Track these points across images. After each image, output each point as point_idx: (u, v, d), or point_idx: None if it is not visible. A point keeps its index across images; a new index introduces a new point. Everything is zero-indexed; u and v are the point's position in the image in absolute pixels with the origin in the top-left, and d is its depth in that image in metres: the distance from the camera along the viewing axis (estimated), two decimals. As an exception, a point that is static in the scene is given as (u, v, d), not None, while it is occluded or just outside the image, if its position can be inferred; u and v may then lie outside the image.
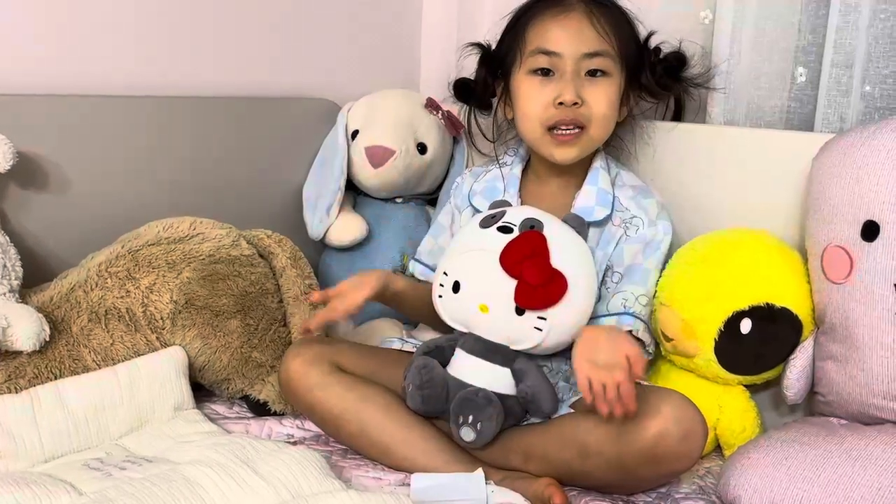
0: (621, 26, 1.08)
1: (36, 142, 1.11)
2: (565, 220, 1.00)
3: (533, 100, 1.07)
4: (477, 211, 1.15)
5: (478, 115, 1.24)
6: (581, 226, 1.01)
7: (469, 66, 1.23)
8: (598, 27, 1.05)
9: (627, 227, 1.09)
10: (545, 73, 1.07)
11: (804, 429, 0.95)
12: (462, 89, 1.24)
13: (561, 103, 1.05)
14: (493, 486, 0.91)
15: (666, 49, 1.15)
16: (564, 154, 1.08)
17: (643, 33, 1.13)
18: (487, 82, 1.18)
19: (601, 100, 1.06)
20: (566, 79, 1.05)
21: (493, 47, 1.17)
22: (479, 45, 1.19)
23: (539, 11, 1.08)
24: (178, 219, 1.15)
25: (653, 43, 1.14)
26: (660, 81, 1.14)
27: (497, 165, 1.18)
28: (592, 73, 1.06)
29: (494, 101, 1.20)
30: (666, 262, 1.11)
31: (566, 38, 1.05)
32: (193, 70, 1.31)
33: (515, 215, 0.98)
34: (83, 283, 1.07)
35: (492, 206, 1.06)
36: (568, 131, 1.06)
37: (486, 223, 0.98)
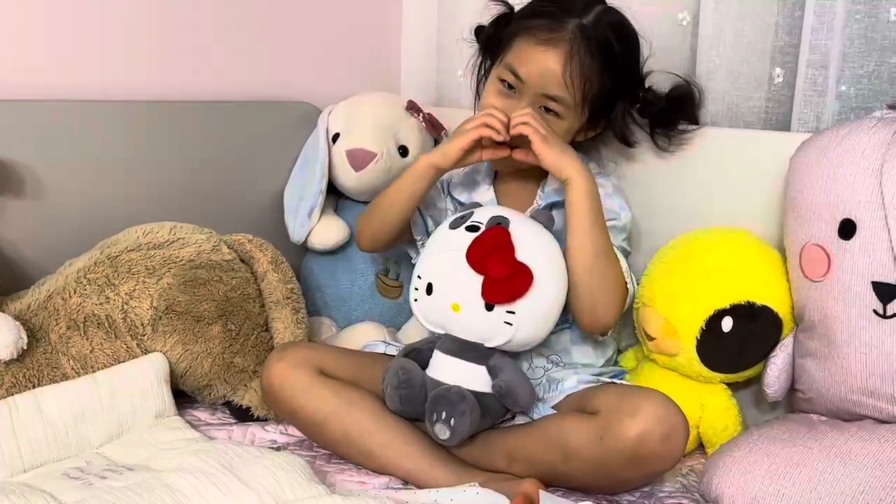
0: (597, 76, 1.04)
1: (12, 147, 1.10)
2: (533, 216, 1.02)
3: (490, 104, 1.08)
4: (456, 200, 1.16)
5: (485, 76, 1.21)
6: (548, 220, 1.02)
7: (453, 66, 1.22)
8: (568, 74, 1.03)
9: None
10: (510, 87, 1.07)
11: (785, 426, 0.96)
12: (478, 33, 1.21)
13: None
14: (478, 488, 0.91)
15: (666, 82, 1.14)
16: (498, 162, 1.11)
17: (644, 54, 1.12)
18: (489, 42, 1.16)
19: None
20: (523, 104, 1.06)
21: (506, 14, 1.14)
22: (504, 2, 1.16)
23: (533, 28, 1.06)
24: (157, 224, 1.14)
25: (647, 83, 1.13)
26: (652, 126, 1.15)
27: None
28: (547, 109, 1.06)
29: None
30: (629, 245, 1.12)
31: (536, 72, 1.04)
32: (172, 74, 1.30)
33: (483, 214, 1.00)
34: (61, 290, 1.06)
35: (464, 209, 1.07)
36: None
37: (455, 224, 1.00)
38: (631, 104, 1.13)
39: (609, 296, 1.01)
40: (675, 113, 1.15)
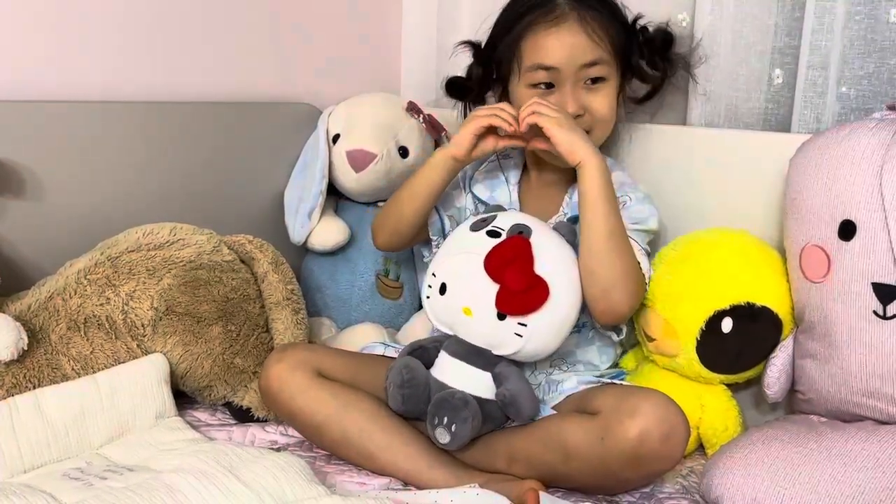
0: (611, 25, 1.08)
1: (12, 148, 1.10)
2: (555, 228, 1.01)
3: None
4: (477, 198, 1.16)
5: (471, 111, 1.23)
6: (571, 233, 1.01)
7: (453, 68, 1.22)
8: (592, 34, 1.05)
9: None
10: (547, 86, 1.07)
11: (785, 427, 0.95)
12: (455, 87, 1.23)
13: None
14: (478, 489, 0.91)
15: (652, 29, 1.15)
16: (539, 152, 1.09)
17: (629, 15, 1.13)
18: (484, 80, 1.17)
19: (603, 105, 1.08)
20: (566, 91, 1.06)
21: (485, 45, 1.16)
22: (470, 43, 1.18)
23: (532, 23, 1.07)
24: (157, 225, 1.14)
25: (639, 24, 1.14)
26: (650, 62, 1.14)
27: (499, 157, 1.18)
28: (593, 80, 1.07)
29: (489, 96, 1.20)
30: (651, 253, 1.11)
31: (563, 51, 1.05)
32: (172, 75, 1.30)
33: (505, 220, 0.98)
34: (62, 291, 1.06)
35: (486, 210, 1.06)
36: None
37: (476, 226, 0.99)
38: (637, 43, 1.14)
39: (624, 279, 0.99)
40: (668, 46, 1.15)
